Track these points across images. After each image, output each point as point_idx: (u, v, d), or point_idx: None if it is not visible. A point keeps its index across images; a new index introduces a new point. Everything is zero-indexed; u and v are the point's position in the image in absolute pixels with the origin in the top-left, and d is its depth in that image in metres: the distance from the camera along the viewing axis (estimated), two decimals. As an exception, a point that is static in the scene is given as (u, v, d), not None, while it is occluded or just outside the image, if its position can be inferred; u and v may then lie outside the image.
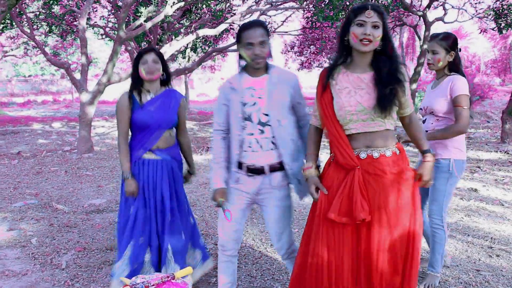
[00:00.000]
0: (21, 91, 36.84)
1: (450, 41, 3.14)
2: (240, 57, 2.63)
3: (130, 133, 3.14)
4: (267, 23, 17.34)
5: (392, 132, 2.39)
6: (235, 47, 17.02)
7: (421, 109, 3.34)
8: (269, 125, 2.58)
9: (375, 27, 2.22)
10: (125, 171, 3.01)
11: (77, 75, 10.13)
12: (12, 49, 22.44)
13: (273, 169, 2.62)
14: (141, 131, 3.05)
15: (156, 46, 13.51)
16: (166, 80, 3.17)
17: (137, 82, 3.09)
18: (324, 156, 2.60)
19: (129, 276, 2.92)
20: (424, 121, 3.31)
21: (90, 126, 9.07)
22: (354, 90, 2.31)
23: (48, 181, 6.77)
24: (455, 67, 3.21)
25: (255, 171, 2.63)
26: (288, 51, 24.35)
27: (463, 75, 3.19)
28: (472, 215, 4.93)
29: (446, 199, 3.20)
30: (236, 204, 2.71)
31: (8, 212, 5.13)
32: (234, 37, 18.46)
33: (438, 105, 3.16)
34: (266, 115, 2.58)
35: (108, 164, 7.93)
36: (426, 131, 3.23)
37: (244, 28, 2.54)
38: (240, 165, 2.66)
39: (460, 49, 3.24)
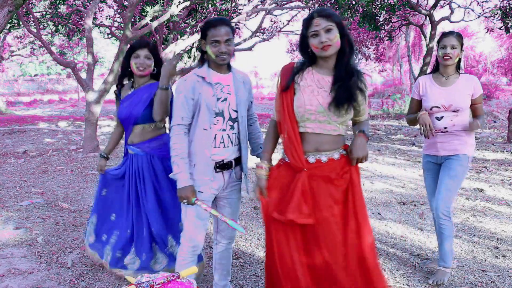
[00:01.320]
0: (27, 90, 36.98)
1: (462, 39, 3.31)
2: (202, 52, 2.64)
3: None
4: (273, 23, 17.36)
5: (343, 138, 2.46)
6: (241, 46, 17.08)
7: (437, 107, 3.30)
8: (237, 121, 2.68)
9: (328, 31, 2.27)
10: (106, 151, 3.44)
11: (83, 75, 10.16)
12: (18, 49, 22.57)
13: (236, 163, 2.73)
14: (122, 122, 3.24)
15: (162, 46, 13.54)
16: (157, 74, 3.15)
17: (125, 74, 3.16)
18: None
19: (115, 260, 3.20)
20: (439, 118, 3.29)
21: (96, 125, 9.10)
22: (317, 90, 2.36)
23: (54, 180, 6.80)
24: (458, 65, 3.38)
25: (224, 166, 2.67)
26: (294, 51, 24.36)
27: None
28: (478, 215, 4.91)
29: (455, 192, 3.30)
30: (207, 201, 2.66)
31: (14, 211, 5.15)
32: (240, 37, 18.49)
33: (464, 103, 3.28)
34: (235, 111, 2.66)
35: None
36: (445, 128, 3.29)
37: (211, 25, 2.54)
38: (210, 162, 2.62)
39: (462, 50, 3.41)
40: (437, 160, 3.40)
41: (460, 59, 3.33)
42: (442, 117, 3.30)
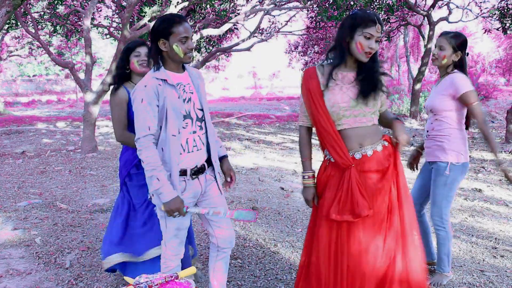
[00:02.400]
0: (25, 90, 36.93)
1: (459, 41, 3.12)
2: (157, 52, 2.44)
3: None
4: (271, 23, 17.37)
5: (379, 128, 2.52)
6: (239, 46, 17.08)
7: (425, 108, 3.35)
8: (204, 120, 2.57)
9: (377, 41, 2.34)
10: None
11: (81, 75, 10.16)
12: (17, 49, 22.55)
13: (208, 164, 2.62)
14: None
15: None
16: None
17: (125, 76, 3.12)
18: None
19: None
20: (427, 121, 3.33)
21: (94, 125, 9.09)
22: (345, 87, 2.41)
23: (52, 181, 6.79)
24: (459, 68, 3.19)
25: (199, 171, 2.55)
26: (292, 51, 24.37)
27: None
28: (476, 216, 4.92)
29: (445, 201, 3.19)
30: (185, 215, 2.54)
31: (13, 212, 5.14)
32: (238, 37, 18.48)
33: (437, 103, 3.16)
34: (200, 110, 2.55)
35: (112, 164, 7.94)
36: (427, 131, 3.26)
37: (175, 22, 2.39)
38: (183, 171, 2.47)
39: (468, 54, 3.22)
40: (428, 165, 3.36)
41: (461, 63, 3.17)
42: (428, 119, 3.30)
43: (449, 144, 3.14)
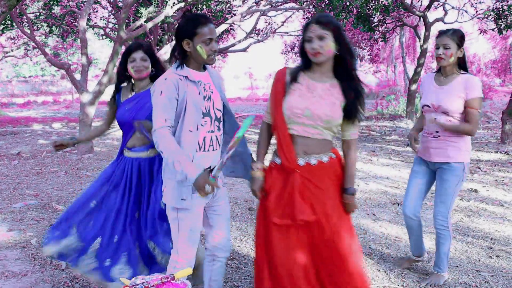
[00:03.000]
0: (21, 91, 36.81)
1: (460, 36, 3.10)
2: (181, 52, 2.41)
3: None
4: (268, 24, 17.38)
5: (330, 142, 2.50)
6: (235, 47, 17.08)
7: (427, 106, 3.22)
8: (222, 121, 2.56)
9: (320, 39, 2.32)
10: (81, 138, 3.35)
11: (77, 76, 10.13)
12: (12, 50, 22.44)
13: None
14: (121, 128, 3.11)
15: (157, 47, 13.52)
16: (157, 74, 3.08)
17: (123, 78, 3.12)
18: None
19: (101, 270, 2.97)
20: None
21: (91, 126, 9.06)
22: (306, 95, 2.41)
23: (48, 182, 6.77)
24: (463, 65, 3.17)
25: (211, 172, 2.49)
26: (288, 52, 24.36)
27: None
28: (472, 216, 4.93)
29: (453, 201, 3.20)
30: (199, 216, 2.50)
31: (8, 213, 5.13)
32: (234, 38, 18.49)
33: (454, 106, 3.10)
34: (219, 110, 2.53)
35: (107, 165, 7.93)
36: (437, 131, 3.18)
37: (202, 22, 2.36)
38: None
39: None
40: (430, 166, 3.30)
41: (463, 58, 3.15)
42: (434, 119, 3.19)
43: (464, 145, 3.15)
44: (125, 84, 3.18)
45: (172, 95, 2.33)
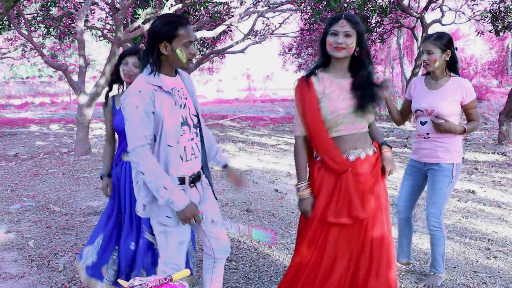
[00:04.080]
0: (18, 93, 36.74)
1: (444, 40, 3.12)
2: (157, 56, 2.25)
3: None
4: (265, 25, 17.38)
5: (369, 135, 2.60)
6: (233, 48, 17.07)
7: (420, 110, 3.24)
8: (199, 126, 2.45)
9: (347, 36, 2.38)
10: (101, 170, 3.20)
11: (75, 77, 10.12)
12: (9, 51, 22.38)
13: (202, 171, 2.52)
14: (119, 134, 3.10)
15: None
16: None
17: (115, 78, 3.13)
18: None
19: (93, 267, 3.05)
20: (423, 123, 3.23)
21: (88, 128, 9.05)
22: (342, 94, 2.45)
23: (45, 183, 6.75)
24: (453, 66, 3.20)
25: (196, 179, 2.42)
26: (286, 53, 24.41)
27: (459, 76, 3.21)
28: (470, 217, 4.94)
29: (444, 201, 3.21)
30: (187, 227, 2.39)
31: (5, 215, 5.11)
32: (232, 39, 18.48)
33: (448, 110, 3.13)
34: (195, 115, 2.42)
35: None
36: (427, 133, 3.21)
37: (183, 24, 2.22)
38: (182, 179, 2.32)
39: (456, 48, 3.21)
40: (421, 167, 3.32)
41: (453, 60, 3.17)
42: (426, 122, 3.22)
43: (453, 146, 3.17)
44: (116, 91, 3.18)
45: (149, 109, 2.17)
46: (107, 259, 3.07)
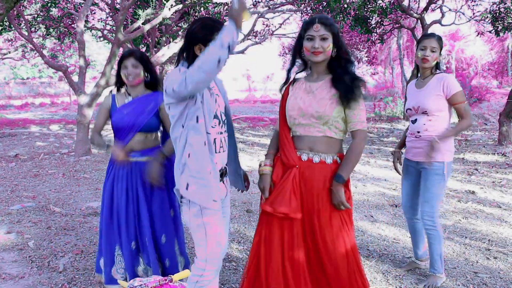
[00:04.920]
0: (18, 93, 36.78)
1: (442, 42, 3.27)
2: (192, 56, 2.32)
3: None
4: (265, 26, 17.39)
5: (336, 141, 2.51)
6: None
7: (409, 109, 3.35)
8: (225, 124, 2.53)
9: (323, 39, 2.40)
10: (104, 143, 3.11)
11: (75, 78, 10.12)
12: (10, 52, 22.41)
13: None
14: (116, 133, 3.11)
15: (154, 49, 13.51)
16: (151, 81, 3.14)
17: (121, 84, 3.15)
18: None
19: (106, 274, 3.09)
20: (414, 121, 3.33)
21: (88, 128, 9.05)
22: (300, 97, 2.50)
23: (45, 184, 6.75)
24: (436, 65, 3.32)
25: (224, 173, 2.50)
26: (286, 54, 24.42)
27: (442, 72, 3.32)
28: (470, 217, 4.94)
29: (438, 200, 3.25)
30: (222, 218, 2.41)
31: (6, 215, 5.11)
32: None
33: (432, 104, 3.21)
34: (223, 112, 2.51)
35: (105, 167, 7.89)
36: (418, 131, 3.28)
37: (218, 28, 2.28)
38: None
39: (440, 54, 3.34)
40: (415, 165, 3.36)
41: (438, 62, 3.29)
42: (416, 120, 3.31)
43: (444, 144, 3.18)
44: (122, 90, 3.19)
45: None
46: (113, 260, 3.11)
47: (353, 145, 2.45)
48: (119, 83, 3.15)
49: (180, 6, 10.21)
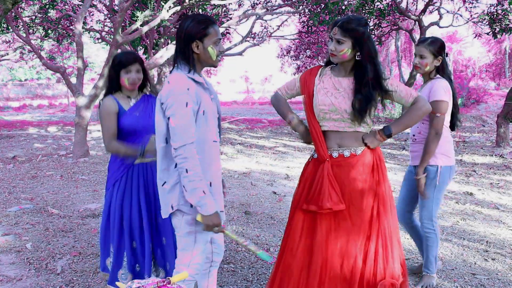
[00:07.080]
0: (16, 95, 36.70)
1: (437, 46, 3.17)
2: (190, 55, 2.28)
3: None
4: (263, 28, 17.42)
5: (364, 134, 2.61)
6: (231, 51, 17.10)
7: None
8: (220, 126, 2.50)
9: (338, 42, 2.47)
10: (136, 150, 2.93)
11: (73, 79, 10.11)
12: (7, 53, 22.37)
13: None
14: (128, 136, 3.00)
15: (153, 51, 13.51)
16: (143, 84, 3.09)
17: (115, 86, 3.04)
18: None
19: (112, 275, 3.03)
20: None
21: (86, 130, 9.05)
22: (332, 92, 2.56)
23: (43, 186, 6.74)
24: (441, 71, 3.25)
25: (222, 181, 2.48)
26: (284, 56, 24.41)
27: (450, 79, 3.22)
28: (468, 219, 4.95)
29: (435, 204, 3.23)
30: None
31: (3, 217, 5.10)
32: (230, 41, 18.51)
33: None
34: (218, 114, 2.46)
35: (103, 169, 7.90)
36: (413, 135, 3.30)
37: (212, 22, 2.28)
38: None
39: (447, 54, 3.27)
40: (413, 170, 3.32)
41: (442, 65, 3.21)
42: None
43: (438, 148, 3.15)
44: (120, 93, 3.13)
45: (195, 108, 2.22)
46: (121, 263, 3.05)
47: (412, 107, 2.57)
48: (116, 87, 3.04)
49: (178, 8, 10.21)
